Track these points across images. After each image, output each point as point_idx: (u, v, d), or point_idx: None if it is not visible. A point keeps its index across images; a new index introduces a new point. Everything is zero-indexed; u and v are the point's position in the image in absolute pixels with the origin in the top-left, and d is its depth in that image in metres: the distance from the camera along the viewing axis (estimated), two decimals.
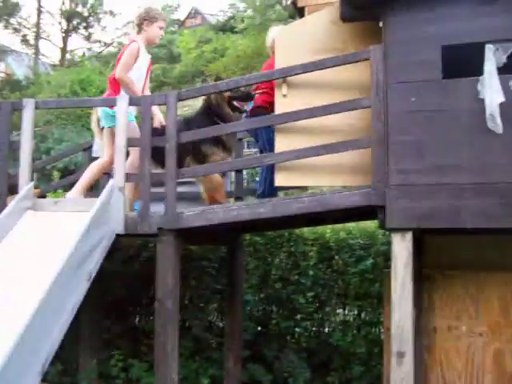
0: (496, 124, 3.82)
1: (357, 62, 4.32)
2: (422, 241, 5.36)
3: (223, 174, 5.84)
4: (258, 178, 13.55)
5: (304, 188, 6.50)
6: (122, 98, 4.76)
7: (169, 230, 4.65)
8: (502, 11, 4.03)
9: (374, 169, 4.07)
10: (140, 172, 4.74)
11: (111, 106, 5.01)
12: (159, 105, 5.06)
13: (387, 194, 4.01)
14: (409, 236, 3.98)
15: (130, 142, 4.77)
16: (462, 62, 4.08)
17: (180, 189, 5.62)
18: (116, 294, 6.72)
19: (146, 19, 5.18)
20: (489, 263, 5.29)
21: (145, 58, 5.22)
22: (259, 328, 7.21)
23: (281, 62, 4.61)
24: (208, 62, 34.99)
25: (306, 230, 7.07)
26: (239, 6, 43.74)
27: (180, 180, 4.88)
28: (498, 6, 4.04)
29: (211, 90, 4.92)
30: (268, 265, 7.16)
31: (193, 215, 4.63)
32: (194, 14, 53.46)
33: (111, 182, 4.73)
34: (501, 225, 3.85)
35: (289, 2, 34.14)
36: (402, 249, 3.99)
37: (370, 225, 6.84)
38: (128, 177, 4.75)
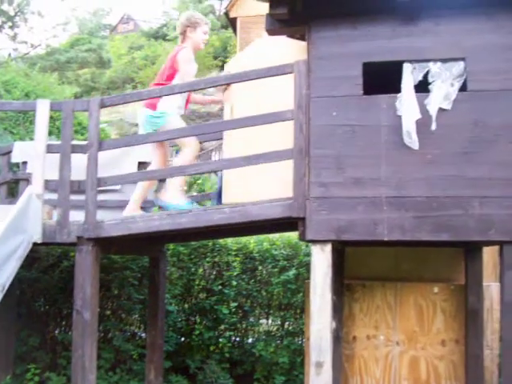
0: (412, 140, 3.95)
1: (280, 75, 4.37)
2: (344, 252, 5.47)
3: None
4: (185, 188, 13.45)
5: None
6: (42, 103, 4.63)
7: (88, 239, 4.56)
8: (421, 32, 4.18)
9: (295, 181, 4.11)
10: (59, 178, 4.62)
11: (154, 108, 4.87)
12: (81, 111, 4.95)
13: (307, 206, 4.07)
14: (328, 248, 4.04)
15: (49, 148, 4.64)
16: (387, 79, 4.21)
17: (105, 197, 5.55)
18: (34, 304, 6.50)
19: (188, 26, 5.10)
20: (406, 274, 5.46)
21: (193, 66, 5.10)
22: (182, 339, 7.16)
23: None
24: (139, 68, 34.64)
25: (230, 241, 7.09)
26: (172, 14, 43.61)
27: (105, 188, 4.82)
28: (416, 27, 4.19)
29: (135, 98, 4.86)
30: (191, 275, 7.12)
31: (113, 224, 4.55)
32: (127, 19, 52.89)
33: (29, 189, 4.59)
34: (416, 237, 3.97)
35: (222, 13, 34.42)
36: (321, 260, 4.04)
37: (294, 236, 6.91)
38: (46, 183, 4.62)
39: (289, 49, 4.64)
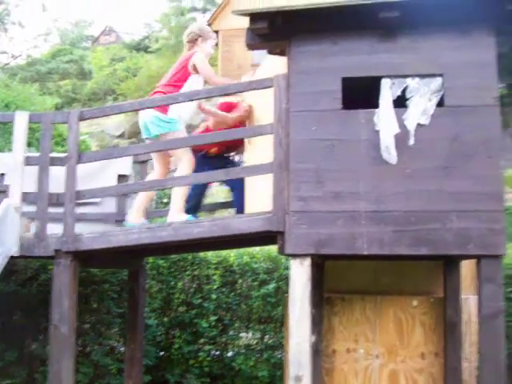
0: (391, 155, 3.98)
1: (261, 89, 4.39)
2: (323, 266, 5.48)
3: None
4: (166, 200, 13.39)
5: None
6: (21, 115, 4.60)
7: (66, 253, 4.52)
8: (400, 48, 4.23)
9: (274, 195, 4.12)
10: (38, 191, 4.58)
11: (165, 111, 4.76)
12: (61, 123, 4.92)
13: (287, 220, 4.07)
14: (307, 262, 4.05)
15: (28, 160, 4.61)
16: (367, 94, 4.25)
17: (84, 209, 5.50)
18: (11, 317, 6.41)
19: (200, 36, 5.10)
20: (386, 287, 5.48)
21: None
22: (161, 353, 7.10)
23: None
24: (120, 80, 34.56)
25: (210, 254, 7.06)
26: (154, 26, 43.66)
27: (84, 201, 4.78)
28: (395, 44, 4.24)
29: (115, 111, 4.85)
30: (171, 288, 7.08)
31: (92, 237, 4.52)
32: (109, 31, 52.87)
33: (6, 201, 4.54)
34: (395, 251, 4.00)
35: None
36: (300, 274, 4.04)
37: (274, 249, 6.90)
38: (24, 196, 4.57)
39: None
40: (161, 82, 5.04)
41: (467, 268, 5.84)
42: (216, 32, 26.35)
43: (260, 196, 4.59)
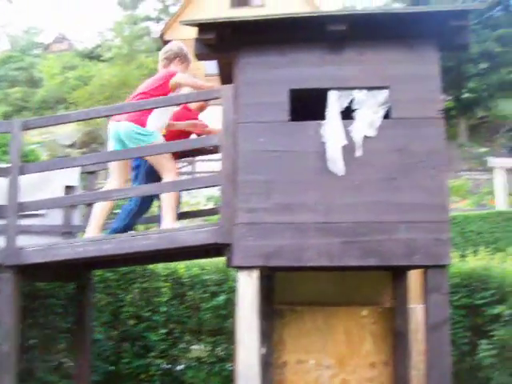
0: (337, 166, 4.00)
1: (209, 99, 4.35)
2: (273, 277, 5.46)
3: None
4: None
5: None
6: None
7: (8, 267, 4.37)
8: (347, 61, 4.27)
9: (222, 206, 4.08)
10: None
11: (142, 124, 4.60)
12: (4, 133, 4.78)
13: (234, 232, 4.03)
14: (255, 274, 4.01)
15: None
16: (317, 106, 4.26)
17: (29, 222, 5.34)
18: None
19: (179, 56, 5.01)
20: (336, 298, 5.50)
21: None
22: (110, 367, 6.93)
23: None
24: (72, 88, 34.03)
25: (159, 266, 6.95)
26: (107, 35, 43.23)
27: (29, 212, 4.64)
28: (343, 56, 4.28)
29: (60, 121, 4.73)
30: (120, 301, 6.93)
31: (35, 251, 4.39)
32: (61, 38, 52.12)
33: None
34: (342, 263, 4.00)
35: (157, 35, 34.32)
36: (248, 287, 4.01)
37: (224, 261, 6.86)
38: None
39: None
40: (136, 92, 4.90)
41: (415, 278, 5.90)
42: (169, 41, 26.28)
43: None
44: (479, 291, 6.53)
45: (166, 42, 28.57)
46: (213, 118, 4.64)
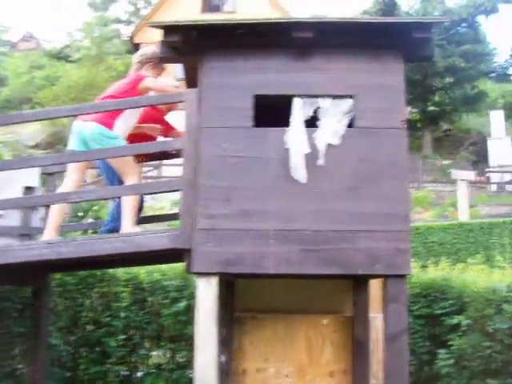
0: (300, 174, 3.98)
1: (171, 103, 4.30)
2: (234, 284, 5.42)
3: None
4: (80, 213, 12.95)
5: None
6: None
7: None
8: (312, 68, 4.26)
9: (182, 212, 4.02)
10: None
11: (110, 127, 4.49)
12: None
13: (194, 238, 3.97)
14: (214, 281, 3.96)
15: None
16: (282, 113, 4.24)
17: None
18: None
19: (152, 61, 4.91)
20: (297, 306, 5.48)
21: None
22: (67, 374, 6.78)
23: None
24: (38, 88, 33.52)
25: (120, 271, 6.85)
26: (76, 35, 42.73)
27: None
28: (308, 63, 4.27)
29: (16, 120, 4.61)
30: (79, 306, 6.79)
31: None
32: (29, 37, 51.39)
33: None
34: (301, 271, 3.98)
35: (127, 37, 34.11)
36: (207, 293, 3.95)
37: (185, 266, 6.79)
38: None
39: None
40: (104, 94, 4.80)
41: (376, 287, 5.92)
42: (138, 45, 26.05)
43: None
44: (439, 301, 6.60)
45: (135, 45, 28.47)
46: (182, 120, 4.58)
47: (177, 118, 4.94)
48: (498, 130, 26.01)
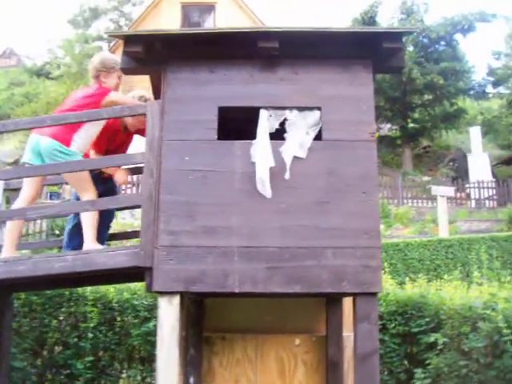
0: (265, 188, 3.83)
1: (134, 115, 4.15)
2: (203, 303, 5.26)
3: None
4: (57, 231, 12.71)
5: None
6: None
7: None
8: (279, 79, 4.13)
9: (143, 228, 3.84)
10: None
11: (66, 143, 4.31)
12: None
13: (155, 255, 3.79)
14: (176, 300, 3.77)
15: None
16: (250, 126, 4.10)
17: None
18: None
19: (102, 70, 4.71)
20: (268, 325, 5.33)
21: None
22: None
23: None
24: (17, 105, 33.29)
25: (88, 289, 6.63)
26: (57, 52, 42.60)
27: None
28: (274, 74, 4.14)
29: None
30: (45, 327, 6.55)
31: None
32: (9, 54, 51.17)
33: None
34: (268, 289, 3.80)
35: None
36: (168, 314, 3.77)
37: None
38: None
39: None
40: (63, 107, 4.64)
41: (350, 305, 5.79)
42: None
43: None
44: (415, 319, 6.47)
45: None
46: None
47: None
48: (478, 146, 26.22)
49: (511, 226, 18.48)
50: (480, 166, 25.53)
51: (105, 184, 4.84)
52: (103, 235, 4.93)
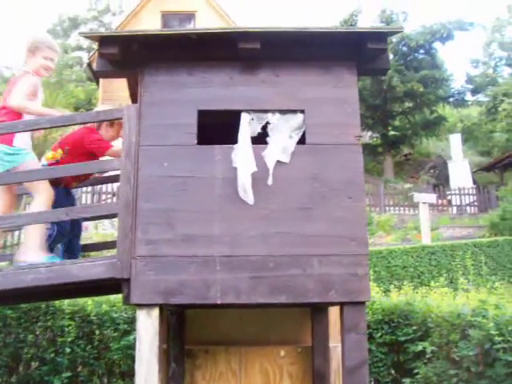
0: (247, 194, 3.67)
1: (110, 120, 3.99)
2: (184, 315, 5.09)
3: None
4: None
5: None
6: None
7: None
8: (260, 82, 3.99)
9: (120, 237, 3.65)
10: None
11: (9, 143, 4.02)
12: None
13: (133, 266, 3.60)
14: (155, 313, 3.59)
15: None
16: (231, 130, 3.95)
17: None
18: None
19: (29, 51, 4.34)
20: (252, 337, 5.19)
21: (39, 94, 4.32)
22: None
23: None
24: None
25: (65, 302, 6.41)
26: None
27: None
28: (256, 77, 4.00)
29: None
30: (20, 342, 6.33)
31: None
32: None
33: None
34: (252, 300, 3.63)
35: (85, 64, 33.67)
36: (147, 327, 3.58)
37: None
38: None
39: None
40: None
41: (336, 315, 5.64)
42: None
43: None
44: (402, 327, 6.34)
45: (93, 71, 28.17)
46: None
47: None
48: (458, 153, 26.37)
49: (493, 232, 18.49)
50: (461, 172, 25.66)
51: (68, 197, 4.62)
52: (76, 246, 4.73)
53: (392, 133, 31.08)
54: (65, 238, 4.53)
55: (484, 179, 28.02)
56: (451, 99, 32.82)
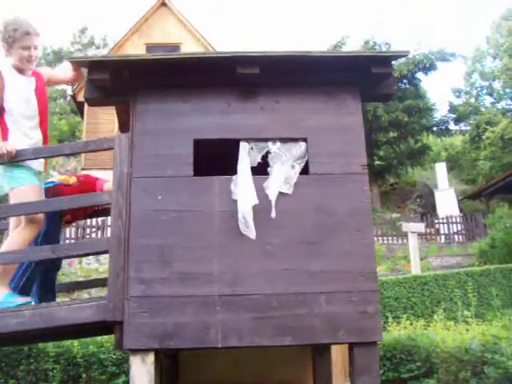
0: (249, 228, 3.42)
1: (99, 150, 3.74)
2: (178, 356, 4.80)
3: None
4: None
5: None
6: None
7: None
8: (259, 109, 3.78)
9: (111, 277, 3.37)
10: None
11: None
12: None
13: (125, 308, 3.32)
14: (150, 358, 3.29)
15: None
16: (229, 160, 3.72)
17: None
18: None
19: (4, 42, 3.76)
20: (250, 377, 4.93)
21: (23, 84, 3.81)
22: None
23: None
24: None
25: (50, 344, 6.06)
26: None
27: None
28: (255, 104, 3.79)
29: None
30: None
31: None
32: None
33: None
34: (255, 343, 3.35)
35: (69, 96, 33.43)
36: (142, 375, 3.28)
37: None
38: None
39: None
40: None
41: (338, 352, 5.38)
42: (81, 103, 25.40)
43: None
44: (405, 363, 6.07)
45: (78, 103, 27.95)
46: None
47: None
48: (444, 181, 26.40)
49: (482, 261, 18.32)
50: (447, 201, 25.62)
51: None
52: (54, 282, 4.38)
53: (377, 162, 31.07)
54: (41, 267, 4.17)
55: (470, 207, 28.02)
56: (435, 128, 32.94)
